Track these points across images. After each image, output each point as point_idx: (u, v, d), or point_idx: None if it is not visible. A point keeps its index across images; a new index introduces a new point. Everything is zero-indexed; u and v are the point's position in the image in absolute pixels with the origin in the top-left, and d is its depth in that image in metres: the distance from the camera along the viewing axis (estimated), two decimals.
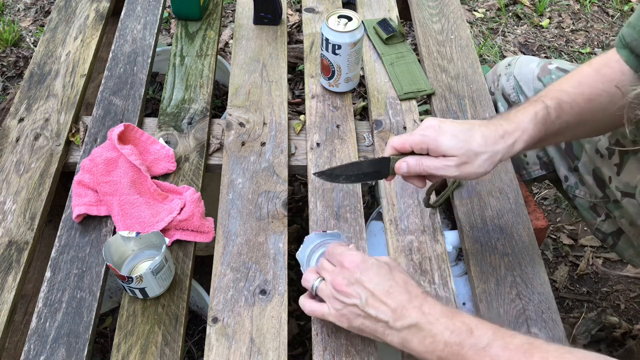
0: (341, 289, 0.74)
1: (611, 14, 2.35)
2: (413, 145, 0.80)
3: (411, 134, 0.81)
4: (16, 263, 0.90)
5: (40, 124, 1.10)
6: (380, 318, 0.72)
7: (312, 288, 0.79)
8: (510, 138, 0.79)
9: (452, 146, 0.77)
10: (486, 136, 0.78)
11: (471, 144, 0.77)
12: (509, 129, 0.79)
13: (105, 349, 1.23)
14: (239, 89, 1.18)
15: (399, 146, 0.82)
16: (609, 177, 1.03)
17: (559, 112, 0.83)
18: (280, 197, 1.00)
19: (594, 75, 0.86)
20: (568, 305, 1.52)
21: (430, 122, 0.80)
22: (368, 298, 0.72)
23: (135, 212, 0.95)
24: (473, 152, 0.77)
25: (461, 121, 0.81)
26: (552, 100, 0.83)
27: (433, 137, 0.78)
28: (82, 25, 1.29)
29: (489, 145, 0.78)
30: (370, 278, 0.74)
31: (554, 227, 1.68)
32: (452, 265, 1.03)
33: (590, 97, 0.85)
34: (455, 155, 0.78)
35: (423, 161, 0.80)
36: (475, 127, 0.79)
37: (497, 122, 0.81)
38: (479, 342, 0.67)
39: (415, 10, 1.36)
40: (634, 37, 0.84)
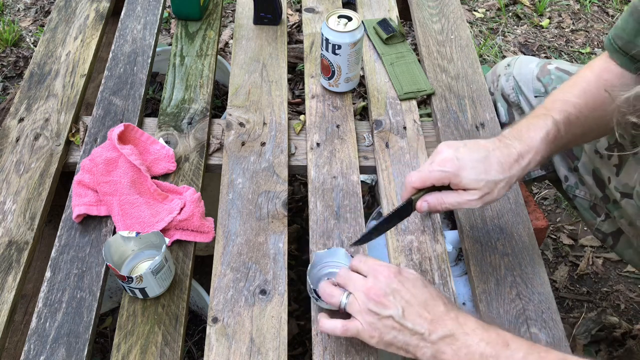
0: (378, 300, 0.71)
1: (611, 14, 2.35)
2: (434, 182, 0.80)
3: (429, 170, 0.80)
4: (16, 263, 0.90)
5: (40, 124, 1.10)
6: (416, 330, 0.70)
7: (340, 304, 0.75)
8: (524, 160, 0.80)
9: (474, 179, 0.78)
10: (502, 162, 0.79)
11: (490, 174, 0.78)
12: (522, 150, 0.80)
13: (105, 349, 1.23)
14: (239, 89, 1.18)
15: (419, 185, 0.82)
16: (608, 178, 1.03)
17: (567, 127, 0.84)
18: (280, 197, 1.00)
19: (596, 82, 0.87)
20: (568, 305, 1.52)
21: (446, 154, 0.80)
22: (405, 309, 0.71)
23: (135, 212, 0.95)
24: (493, 182, 0.78)
25: (474, 146, 0.81)
26: (560, 114, 0.83)
27: (453, 172, 0.78)
28: (82, 25, 1.29)
29: (505, 172, 0.79)
30: (408, 288, 0.72)
31: (554, 227, 1.68)
32: (452, 265, 1.03)
33: (595, 105, 0.86)
34: (477, 188, 0.78)
35: (444, 199, 0.81)
36: (490, 152, 0.79)
37: (509, 142, 0.81)
38: (515, 355, 0.67)
39: (415, 10, 1.36)
40: (625, 40, 0.84)
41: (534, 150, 0.80)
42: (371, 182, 1.59)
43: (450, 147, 0.81)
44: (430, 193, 0.82)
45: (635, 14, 0.84)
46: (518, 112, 1.15)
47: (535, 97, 1.11)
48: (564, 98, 0.86)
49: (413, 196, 0.82)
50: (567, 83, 0.90)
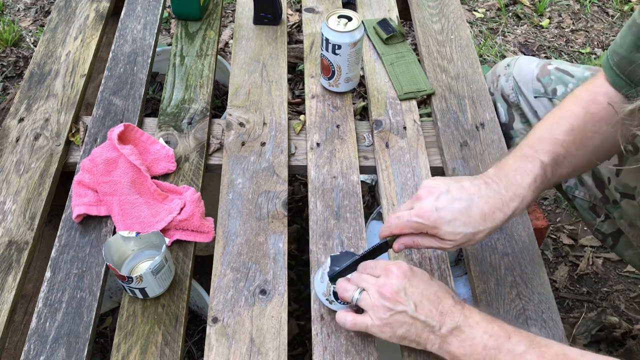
0: (390, 296, 0.74)
1: (611, 14, 2.35)
2: (412, 231, 0.81)
3: (408, 220, 0.79)
4: (16, 263, 0.90)
5: (40, 124, 1.10)
6: (428, 323, 0.73)
7: (352, 299, 0.78)
8: (509, 209, 0.78)
9: (451, 232, 0.77)
10: (485, 213, 0.77)
11: (470, 226, 0.77)
12: (507, 197, 0.78)
13: (105, 349, 1.23)
14: (239, 89, 1.18)
15: (397, 232, 0.82)
16: (608, 178, 1.03)
17: (554, 168, 0.82)
18: (280, 197, 1.00)
19: (584, 117, 0.83)
20: (568, 305, 1.52)
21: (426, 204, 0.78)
22: (417, 304, 0.73)
23: (135, 212, 0.95)
24: (471, 234, 0.78)
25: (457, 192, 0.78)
26: (548, 156, 0.81)
27: (431, 224, 0.78)
28: (82, 25, 1.29)
29: (487, 223, 0.78)
30: (418, 284, 0.75)
31: (554, 227, 1.68)
32: (452, 265, 1.03)
33: (583, 142, 0.83)
34: (453, 240, 0.78)
35: (420, 242, 0.81)
36: (473, 201, 0.77)
37: (495, 188, 0.79)
38: (516, 348, 0.69)
39: (415, 10, 1.36)
40: (621, 55, 0.82)
41: (520, 197, 0.78)
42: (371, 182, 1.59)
43: (432, 193, 0.79)
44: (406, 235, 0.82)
45: (634, 28, 0.81)
46: (518, 112, 1.15)
47: (535, 97, 1.11)
48: (552, 136, 0.83)
49: (388, 238, 0.84)
50: (553, 116, 0.86)
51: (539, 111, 1.10)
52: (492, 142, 1.09)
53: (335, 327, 0.83)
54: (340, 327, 0.83)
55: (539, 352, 0.68)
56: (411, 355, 0.81)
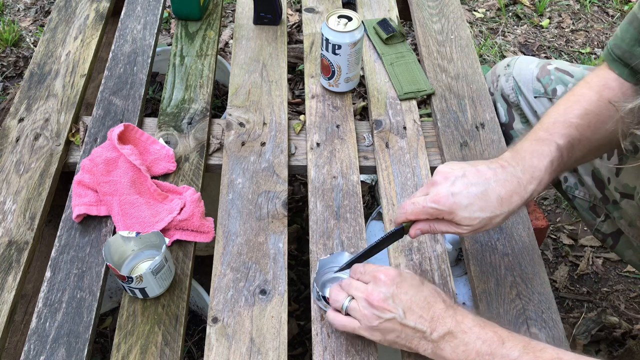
0: (378, 304, 0.73)
1: (611, 14, 2.35)
2: (427, 217, 0.79)
3: (423, 206, 0.78)
4: (16, 263, 0.90)
5: (40, 124, 1.10)
6: (418, 329, 0.72)
7: (342, 307, 0.77)
8: (527, 192, 0.77)
9: (467, 217, 0.76)
10: (502, 197, 0.76)
11: (486, 211, 0.76)
12: (525, 180, 0.77)
13: (105, 349, 1.23)
14: (239, 89, 1.18)
15: (413, 218, 0.80)
16: (607, 178, 1.03)
17: (570, 152, 0.81)
18: (280, 197, 1.00)
19: (597, 101, 0.83)
20: (568, 305, 1.52)
21: (442, 189, 0.77)
22: (406, 310, 0.73)
23: (135, 212, 0.95)
24: (488, 218, 0.76)
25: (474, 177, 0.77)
26: (563, 139, 0.80)
27: (447, 209, 0.76)
28: (82, 25, 1.29)
29: (504, 206, 0.76)
30: (406, 290, 0.74)
31: (554, 227, 1.68)
32: (452, 265, 1.03)
33: (597, 125, 0.83)
34: (470, 225, 0.76)
35: (436, 227, 0.80)
36: (489, 185, 0.76)
37: (512, 171, 0.77)
38: (510, 353, 0.68)
39: (415, 10, 1.36)
40: (623, 49, 0.82)
41: (537, 180, 0.77)
42: (371, 182, 1.59)
43: (447, 178, 0.77)
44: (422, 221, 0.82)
45: (635, 22, 0.82)
46: (518, 112, 1.15)
47: (535, 97, 1.11)
48: (566, 119, 0.83)
49: (404, 224, 0.83)
50: (566, 101, 0.86)
51: (539, 111, 1.10)
52: (492, 142, 1.09)
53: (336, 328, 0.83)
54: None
55: (533, 357, 0.67)
56: (411, 355, 0.81)
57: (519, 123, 1.15)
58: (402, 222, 0.82)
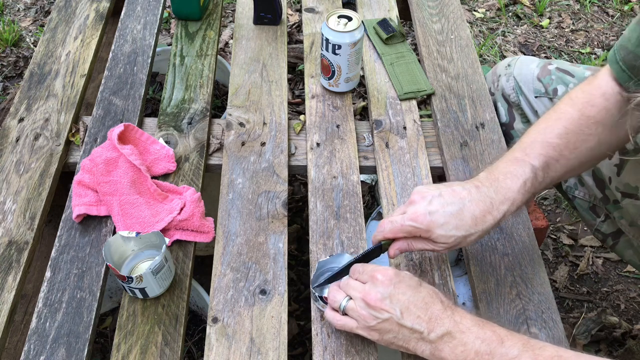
0: (375, 304, 0.73)
1: (611, 14, 2.35)
2: (405, 235, 0.81)
3: (402, 224, 0.80)
4: (16, 263, 0.90)
5: (40, 124, 1.10)
6: (415, 329, 0.72)
7: (340, 307, 0.77)
8: (499, 213, 0.79)
9: (443, 235, 0.78)
10: (476, 216, 0.78)
11: (461, 230, 0.78)
12: (497, 201, 0.79)
13: (105, 349, 1.23)
14: (239, 89, 1.18)
15: (391, 236, 0.82)
16: (608, 178, 1.03)
17: (546, 172, 0.82)
18: (280, 197, 1.00)
19: (579, 119, 0.84)
20: (568, 305, 1.52)
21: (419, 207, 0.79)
22: (404, 311, 0.73)
23: (135, 212, 0.95)
24: (463, 237, 0.79)
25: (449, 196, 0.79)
26: (539, 160, 0.82)
27: (425, 227, 0.79)
28: (82, 25, 1.29)
29: (478, 226, 0.79)
30: (404, 290, 0.74)
31: (554, 227, 1.68)
32: (452, 265, 1.03)
33: (576, 144, 0.83)
34: (446, 242, 0.79)
35: (414, 245, 0.82)
36: (465, 205, 0.78)
37: (485, 192, 0.79)
38: (510, 352, 0.68)
39: (415, 10, 1.36)
40: (628, 50, 0.82)
41: (510, 201, 0.79)
42: (371, 182, 1.59)
43: (424, 197, 0.80)
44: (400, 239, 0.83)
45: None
46: (518, 112, 1.15)
47: (536, 97, 1.11)
48: (544, 139, 0.83)
49: (383, 242, 0.84)
50: (547, 119, 0.86)
51: (540, 111, 1.10)
52: (492, 142, 1.09)
53: (335, 327, 0.83)
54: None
55: (532, 355, 0.67)
56: (411, 355, 0.81)
57: (519, 123, 1.15)
58: (380, 240, 0.84)
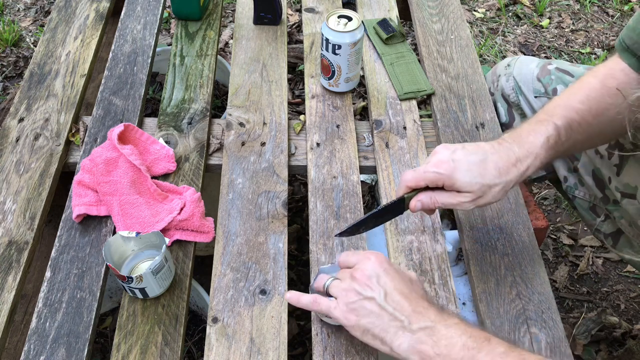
0: (361, 279, 0.72)
1: (611, 14, 2.35)
2: (427, 183, 0.81)
3: (424, 171, 0.80)
4: (16, 263, 0.90)
5: (40, 124, 1.10)
6: (396, 316, 0.69)
7: (324, 286, 0.77)
8: (523, 165, 0.79)
9: (467, 182, 0.78)
10: (499, 167, 0.78)
11: (485, 178, 0.78)
12: (521, 154, 0.80)
13: (105, 349, 1.23)
14: (239, 89, 1.18)
15: (413, 184, 0.81)
16: (608, 178, 1.03)
17: (569, 133, 0.83)
18: (280, 197, 1.00)
19: (600, 89, 0.85)
20: (568, 305, 1.52)
21: (442, 156, 0.79)
22: (388, 294, 0.71)
23: (135, 212, 0.95)
24: (487, 186, 0.78)
25: (473, 148, 0.80)
26: (562, 120, 0.83)
27: (447, 174, 0.78)
28: (82, 25, 1.29)
29: (502, 176, 0.79)
30: (393, 277, 0.73)
31: (554, 227, 1.68)
32: (452, 265, 1.03)
33: (598, 111, 0.85)
34: (470, 191, 0.78)
35: (437, 198, 0.81)
36: (488, 156, 0.79)
37: (508, 146, 0.80)
38: (496, 349, 0.66)
39: (415, 10, 1.36)
40: (635, 40, 0.83)
41: (533, 155, 0.80)
42: (371, 182, 1.59)
43: (448, 148, 0.81)
44: (423, 192, 0.82)
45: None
46: (518, 112, 1.15)
47: (536, 97, 1.11)
48: (567, 103, 0.85)
49: (406, 195, 0.83)
50: (570, 88, 0.89)
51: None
52: None
53: (335, 327, 0.83)
54: (341, 327, 0.83)
55: (519, 355, 0.65)
56: None
57: (519, 123, 1.15)
58: (403, 192, 0.83)
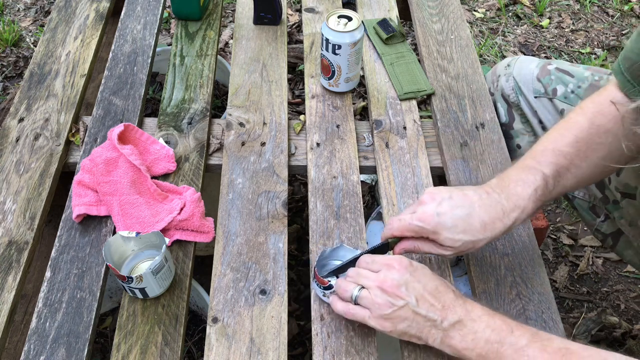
0: (392, 291, 0.74)
1: (611, 14, 2.35)
2: (412, 234, 0.81)
3: (409, 222, 0.80)
4: (16, 263, 0.90)
5: (40, 124, 1.10)
6: (430, 317, 0.73)
7: (352, 297, 0.77)
8: (509, 220, 0.79)
9: (450, 239, 0.78)
10: (485, 222, 0.78)
11: (469, 234, 0.78)
12: (508, 208, 0.79)
13: (105, 349, 1.23)
14: (239, 89, 1.18)
15: (398, 234, 0.82)
16: (608, 178, 1.03)
17: (557, 180, 0.82)
18: (280, 197, 1.00)
19: (589, 129, 0.84)
20: (568, 305, 1.52)
21: (428, 208, 0.79)
22: (419, 298, 0.73)
23: (135, 212, 0.95)
24: (471, 242, 0.79)
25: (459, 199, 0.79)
26: (550, 168, 0.82)
27: (432, 229, 0.78)
28: (82, 25, 1.29)
29: (487, 232, 0.79)
30: (419, 278, 0.75)
31: (554, 227, 1.68)
32: (452, 265, 1.03)
33: (587, 153, 0.83)
34: (452, 247, 0.79)
35: (420, 247, 0.82)
36: (474, 209, 0.78)
37: (497, 198, 0.80)
38: (519, 341, 0.69)
39: (415, 10, 1.36)
40: (633, 60, 0.82)
41: (520, 208, 0.79)
42: (371, 182, 1.59)
43: (434, 199, 0.80)
44: (407, 240, 0.83)
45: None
46: (518, 112, 1.15)
47: (535, 97, 1.11)
48: (555, 147, 0.84)
49: (390, 240, 0.84)
50: (557, 129, 0.87)
51: (539, 111, 1.10)
52: (492, 142, 1.09)
53: (335, 327, 0.83)
54: (341, 327, 0.83)
55: (541, 346, 0.68)
56: (411, 355, 0.81)
57: (519, 123, 1.15)
58: (387, 237, 0.84)
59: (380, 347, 0.83)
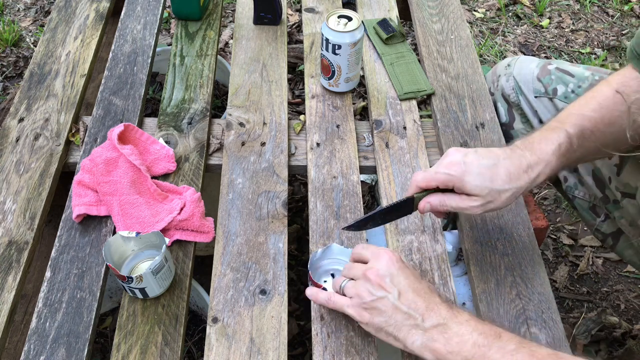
0: (375, 280, 0.73)
1: (611, 14, 2.35)
2: (438, 184, 0.81)
3: (436, 172, 0.80)
4: (16, 263, 0.90)
5: (40, 124, 1.10)
6: (410, 314, 0.71)
7: (340, 287, 0.78)
8: (534, 172, 0.79)
9: (477, 186, 0.78)
10: (510, 172, 0.78)
11: (496, 183, 0.78)
12: (532, 161, 0.80)
13: (105, 349, 1.23)
14: (239, 89, 1.18)
15: (423, 185, 0.82)
16: (608, 178, 1.03)
17: (581, 141, 0.83)
18: (280, 197, 1.00)
19: (613, 97, 0.85)
20: (568, 305, 1.52)
21: (454, 158, 0.80)
22: (402, 293, 0.72)
23: (135, 212, 0.95)
24: (497, 191, 0.78)
25: (485, 153, 0.80)
26: (574, 128, 0.83)
27: (458, 176, 0.78)
28: (82, 25, 1.29)
29: (512, 182, 0.78)
30: (407, 275, 0.74)
31: (554, 227, 1.68)
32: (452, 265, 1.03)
33: (611, 120, 0.84)
34: (480, 195, 0.78)
35: (447, 201, 0.81)
36: (499, 161, 0.79)
37: (520, 152, 0.80)
38: (507, 346, 0.67)
39: (415, 10, 1.36)
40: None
41: (544, 162, 0.80)
42: (371, 182, 1.59)
43: (460, 151, 0.80)
44: (433, 194, 0.82)
45: None
46: (518, 112, 1.15)
47: (536, 97, 1.11)
48: (580, 112, 0.85)
49: (416, 194, 0.83)
50: (582, 97, 0.89)
51: (540, 111, 1.10)
52: (492, 142, 1.09)
53: (335, 327, 0.83)
54: (341, 327, 0.83)
55: (529, 351, 0.67)
56: (412, 355, 0.81)
57: (519, 123, 1.15)
58: (413, 192, 0.83)
59: (380, 347, 0.83)
